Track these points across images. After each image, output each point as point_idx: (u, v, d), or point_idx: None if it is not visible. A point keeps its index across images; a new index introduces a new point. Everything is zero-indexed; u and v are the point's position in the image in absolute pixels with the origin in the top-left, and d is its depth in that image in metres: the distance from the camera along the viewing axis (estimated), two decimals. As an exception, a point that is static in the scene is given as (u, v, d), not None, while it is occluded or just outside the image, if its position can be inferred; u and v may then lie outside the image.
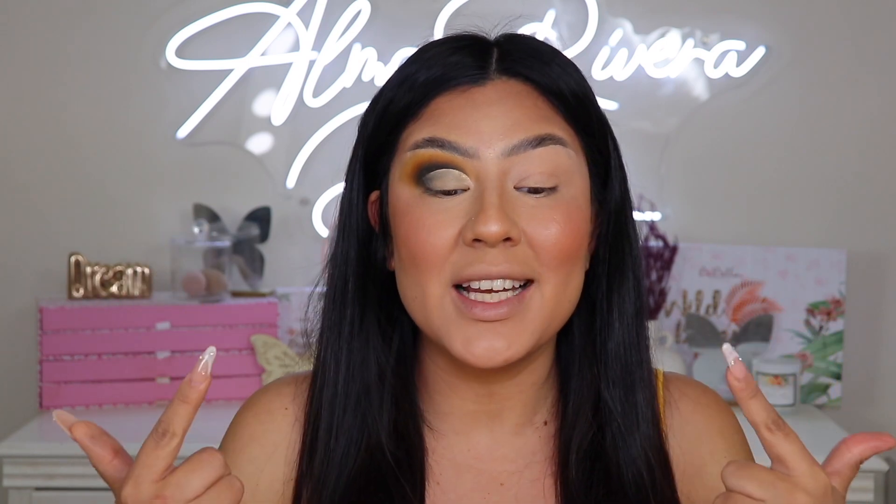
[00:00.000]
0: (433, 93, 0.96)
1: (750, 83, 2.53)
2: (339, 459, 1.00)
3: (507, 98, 0.96)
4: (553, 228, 0.94)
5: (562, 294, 0.96)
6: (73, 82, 2.54)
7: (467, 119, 0.95)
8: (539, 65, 0.97)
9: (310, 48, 2.52)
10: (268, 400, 1.06)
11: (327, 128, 2.52)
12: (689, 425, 1.05)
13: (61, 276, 2.48)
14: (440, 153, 0.94)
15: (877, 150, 2.55)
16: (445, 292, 0.95)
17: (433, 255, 0.94)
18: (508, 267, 0.93)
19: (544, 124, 0.95)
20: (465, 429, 1.03)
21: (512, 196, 0.94)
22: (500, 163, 0.94)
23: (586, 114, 0.98)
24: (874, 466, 2.07)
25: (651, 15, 2.54)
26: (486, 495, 1.01)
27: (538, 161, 0.94)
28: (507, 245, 0.93)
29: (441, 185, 0.94)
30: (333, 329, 1.02)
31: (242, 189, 2.55)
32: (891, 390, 2.56)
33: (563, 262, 0.95)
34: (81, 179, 2.55)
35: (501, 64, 0.97)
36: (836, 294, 2.45)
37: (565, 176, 0.95)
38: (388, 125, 0.98)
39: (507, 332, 0.94)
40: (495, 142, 0.94)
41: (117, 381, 2.31)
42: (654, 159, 2.54)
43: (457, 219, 0.94)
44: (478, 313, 0.94)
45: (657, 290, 2.41)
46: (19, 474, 2.06)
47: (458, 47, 0.98)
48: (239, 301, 2.40)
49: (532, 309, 0.95)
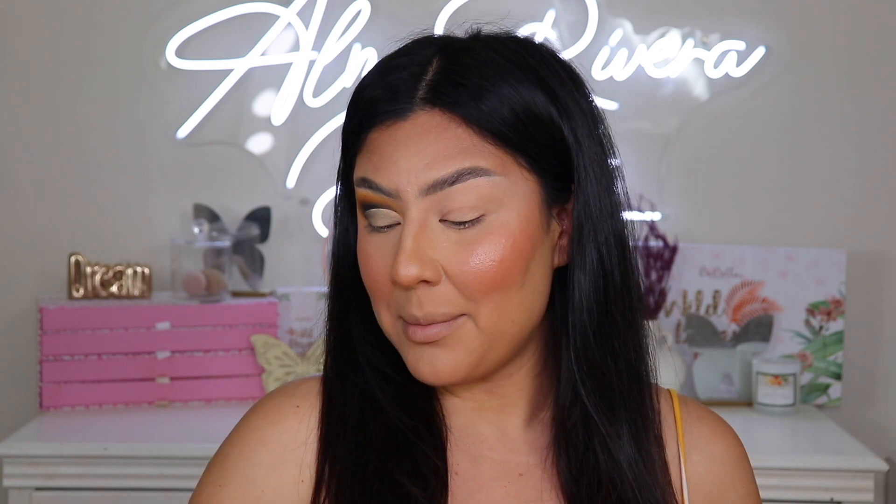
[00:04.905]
0: (367, 126, 0.97)
1: (750, 83, 2.53)
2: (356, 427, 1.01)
3: (427, 132, 0.95)
4: (473, 262, 0.94)
5: (499, 319, 0.96)
6: (73, 82, 2.54)
7: (389, 158, 0.95)
8: (464, 94, 0.94)
9: (310, 48, 2.52)
10: (278, 402, 1.05)
11: (327, 128, 2.52)
12: (713, 447, 1.07)
13: (61, 276, 2.48)
14: (370, 194, 0.96)
15: (877, 149, 2.55)
16: (396, 320, 0.98)
17: (378, 290, 0.98)
18: (431, 310, 0.95)
19: (462, 157, 0.94)
20: (472, 422, 1.04)
21: (434, 232, 0.95)
22: (421, 201, 0.94)
23: (523, 134, 0.95)
24: (874, 466, 2.07)
25: (651, 15, 2.54)
26: (506, 485, 1.02)
27: (458, 196, 0.94)
28: (427, 287, 0.95)
29: (377, 223, 0.97)
30: (339, 324, 1.04)
31: (242, 189, 2.55)
32: (891, 390, 2.56)
33: (488, 292, 0.95)
34: (81, 179, 2.55)
35: (426, 93, 0.95)
36: (836, 294, 2.45)
37: (491, 204, 0.95)
38: (345, 151, 1.01)
39: (444, 352, 0.96)
40: (412, 181, 0.94)
41: (117, 381, 2.31)
42: (654, 159, 2.54)
43: (390, 255, 0.96)
44: (411, 334, 0.96)
45: (657, 290, 2.41)
46: (19, 474, 2.06)
47: (392, 71, 0.97)
48: (239, 301, 2.40)
49: (465, 334, 0.96)
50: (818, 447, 2.19)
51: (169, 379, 2.33)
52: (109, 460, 2.06)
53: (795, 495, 2.07)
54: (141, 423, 2.22)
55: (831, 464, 2.08)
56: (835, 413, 2.47)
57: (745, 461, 1.09)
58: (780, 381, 2.33)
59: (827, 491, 2.07)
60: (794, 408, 2.33)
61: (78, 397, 2.30)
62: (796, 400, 2.34)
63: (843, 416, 2.47)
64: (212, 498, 1.01)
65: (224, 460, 1.03)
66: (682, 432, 1.06)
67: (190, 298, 2.37)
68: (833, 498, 2.07)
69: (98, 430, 2.16)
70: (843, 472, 2.07)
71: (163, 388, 2.33)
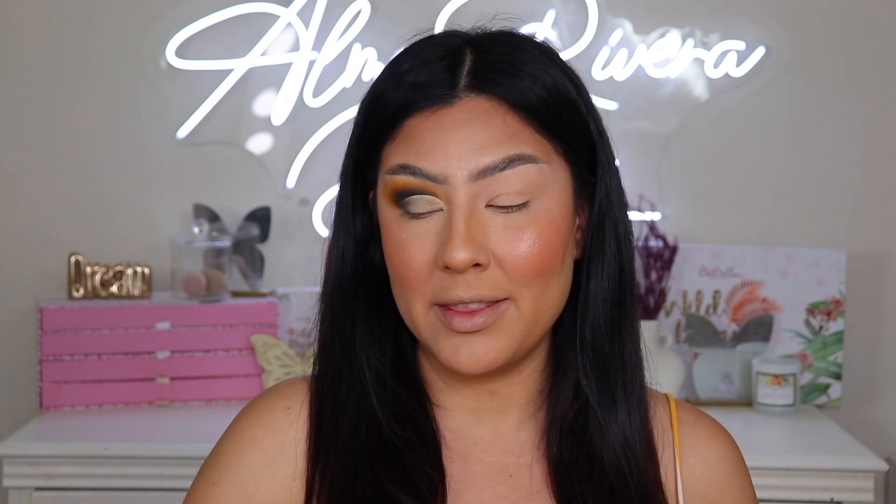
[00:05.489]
0: (404, 114, 0.97)
1: (750, 83, 2.53)
2: (349, 436, 1.01)
3: (475, 118, 0.96)
4: (522, 247, 0.95)
5: (539, 305, 0.98)
6: (73, 82, 2.54)
7: (435, 144, 0.95)
8: (507, 79, 0.96)
9: (310, 48, 2.52)
10: (270, 402, 1.06)
11: (327, 128, 2.52)
12: (710, 451, 1.08)
13: (61, 276, 2.48)
14: (412, 180, 0.96)
15: (877, 149, 2.55)
16: (429, 309, 0.98)
17: (414, 278, 0.97)
18: (480, 292, 0.95)
19: (512, 144, 0.95)
20: (468, 424, 1.04)
21: (482, 216, 0.95)
22: (469, 187, 0.95)
23: (561, 119, 0.98)
24: (874, 466, 2.07)
25: (651, 15, 2.54)
26: (495, 486, 1.02)
27: (507, 182, 0.95)
28: (477, 270, 0.95)
29: (416, 209, 0.97)
30: (333, 325, 1.04)
31: (242, 189, 2.55)
32: (891, 390, 2.56)
33: (535, 277, 0.96)
34: (81, 179, 2.55)
35: (470, 80, 0.97)
36: (836, 294, 2.45)
37: (537, 191, 0.96)
38: (367, 143, 1.00)
39: (486, 339, 0.96)
40: (463, 166, 0.95)
41: (117, 381, 2.31)
42: (654, 159, 2.54)
43: (431, 242, 0.96)
44: (455, 325, 0.96)
45: (657, 290, 2.41)
46: (19, 474, 2.06)
47: (426, 62, 0.98)
48: (239, 301, 2.40)
49: (508, 320, 0.97)
50: (818, 447, 2.19)
51: (169, 379, 2.33)
52: (109, 460, 2.06)
53: (795, 495, 2.07)
54: (141, 423, 2.22)
55: (831, 464, 2.08)
56: (835, 413, 2.47)
57: (741, 465, 1.10)
58: (780, 381, 2.33)
59: (827, 491, 2.07)
60: (794, 408, 2.33)
61: (78, 397, 2.30)
62: (796, 400, 2.34)
63: (843, 416, 2.47)
64: (206, 497, 1.02)
65: (217, 459, 1.04)
66: (679, 436, 1.07)
67: (190, 298, 2.37)
68: (833, 498, 2.07)
69: (98, 430, 2.16)
70: (843, 472, 2.07)
71: (163, 388, 2.33)
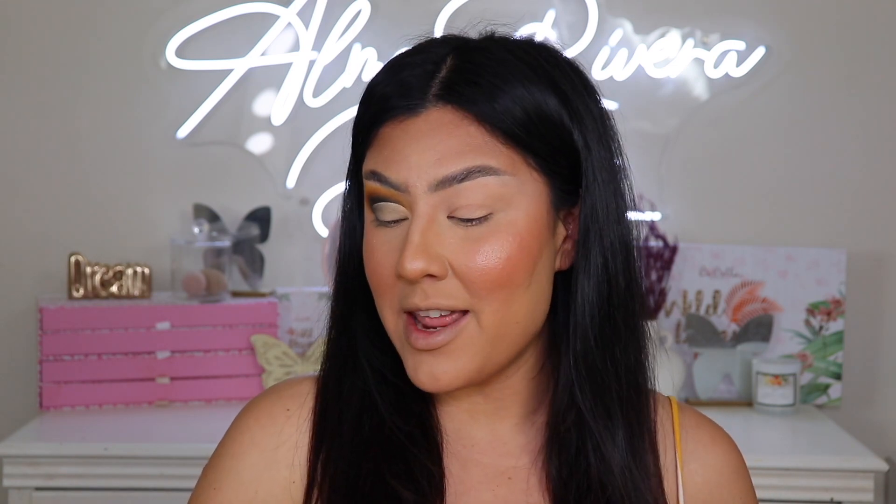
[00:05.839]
0: (379, 120, 0.98)
1: (750, 83, 2.53)
2: (351, 430, 1.01)
3: (439, 129, 0.95)
4: (479, 260, 0.94)
5: (503, 319, 0.96)
6: (73, 82, 2.54)
7: (400, 152, 0.95)
8: (474, 91, 0.95)
9: (310, 48, 2.52)
10: (269, 404, 1.06)
11: (327, 128, 2.52)
12: (712, 456, 1.06)
13: (61, 276, 2.48)
14: (380, 187, 0.96)
15: (877, 149, 2.55)
16: (398, 318, 0.98)
17: (382, 284, 0.97)
18: (436, 301, 0.95)
19: (473, 156, 0.94)
20: (465, 425, 1.04)
21: (441, 227, 0.95)
22: (430, 197, 0.95)
23: (533, 134, 0.95)
24: (874, 466, 2.07)
25: (651, 15, 2.54)
26: (494, 489, 1.02)
27: (467, 193, 0.94)
28: (433, 280, 0.95)
29: (384, 216, 0.97)
30: (339, 321, 1.04)
31: (242, 189, 2.55)
32: (891, 390, 2.56)
33: (494, 290, 0.95)
34: (81, 179, 2.55)
35: (438, 90, 0.96)
36: (836, 294, 2.45)
37: (499, 203, 0.95)
38: (356, 143, 1.01)
39: (445, 359, 0.96)
40: (423, 176, 0.94)
41: (117, 381, 2.31)
42: (654, 159, 2.54)
43: (395, 249, 0.96)
44: (413, 341, 0.96)
45: (657, 290, 2.41)
46: (19, 474, 2.06)
47: (408, 67, 0.98)
48: (239, 301, 2.40)
49: (468, 337, 0.96)
50: (818, 447, 2.19)
51: (169, 379, 2.33)
52: (109, 460, 2.06)
53: (795, 495, 2.07)
54: (141, 423, 2.22)
55: (831, 464, 2.08)
56: (835, 413, 2.47)
57: (743, 470, 1.09)
58: (780, 381, 2.33)
59: (827, 491, 2.07)
60: (793, 408, 2.33)
61: (78, 397, 2.30)
62: (796, 400, 2.34)
63: (843, 416, 2.47)
64: (208, 501, 1.02)
65: (217, 463, 1.04)
66: (680, 440, 1.06)
67: (190, 298, 2.37)
68: (833, 498, 2.07)
69: (98, 430, 2.16)
70: (843, 472, 2.07)
71: (163, 388, 2.33)
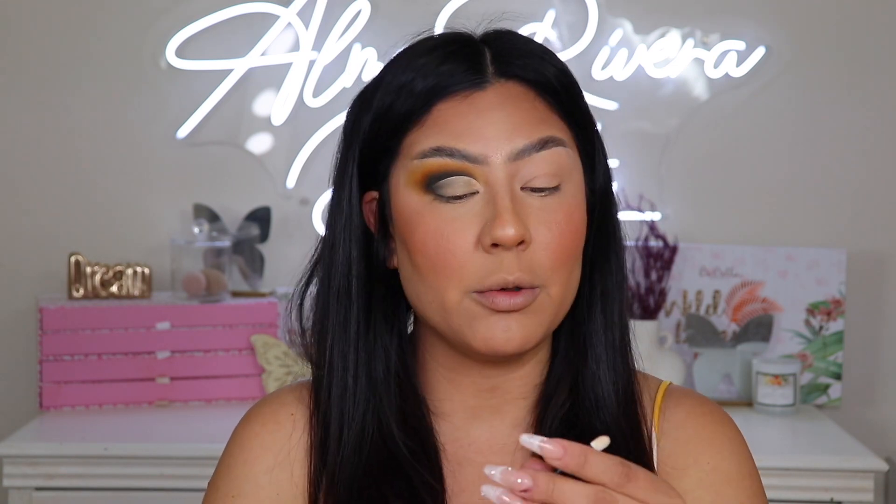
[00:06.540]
0: (434, 99, 0.97)
1: (750, 83, 2.53)
2: (353, 452, 1.01)
3: (507, 102, 0.97)
4: (555, 230, 0.96)
5: (566, 291, 0.99)
6: (73, 82, 2.54)
7: (472, 125, 0.96)
8: (532, 64, 0.99)
9: (310, 48, 2.52)
10: (273, 409, 1.06)
11: (327, 128, 2.52)
12: (681, 430, 1.04)
13: (61, 276, 2.48)
14: (450, 162, 0.96)
15: (877, 150, 2.55)
16: (464, 296, 0.96)
17: (453, 263, 0.96)
18: (521, 276, 0.95)
19: (544, 126, 0.97)
20: (464, 424, 1.04)
21: (519, 197, 0.96)
22: (507, 167, 0.96)
23: (576, 105, 1.01)
24: (874, 466, 2.07)
25: (651, 15, 2.54)
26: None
27: (542, 164, 0.96)
28: (521, 248, 0.95)
29: (452, 192, 0.96)
30: (339, 329, 1.03)
31: (242, 189, 2.55)
32: (891, 390, 2.56)
33: (565, 262, 0.97)
34: (81, 179, 2.55)
35: (497, 66, 0.98)
36: (836, 294, 2.45)
37: (566, 175, 0.98)
38: (388, 130, 0.99)
39: (522, 317, 0.96)
40: (501, 147, 0.96)
41: (117, 381, 2.31)
42: (654, 159, 2.54)
43: (471, 224, 0.95)
44: (499, 302, 0.95)
45: (657, 290, 2.41)
46: (19, 474, 2.05)
47: (449, 53, 0.98)
48: (239, 301, 2.40)
49: (541, 303, 0.97)
50: (818, 447, 2.19)
51: (169, 379, 2.33)
52: (109, 460, 2.06)
53: (795, 495, 2.07)
54: (141, 423, 2.22)
55: (831, 464, 2.08)
56: (835, 413, 2.47)
57: (720, 437, 1.04)
58: (780, 381, 2.33)
59: (827, 491, 2.07)
60: (794, 408, 2.33)
61: (78, 397, 2.30)
62: (796, 400, 2.34)
63: (843, 416, 2.47)
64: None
65: (230, 472, 1.04)
66: (658, 420, 1.05)
67: (190, 298, 2.37)
68: (833, 498, 2.07)
69: (98, 430, 2.16)
70: (843, 472, 2.07)
71: (163, 388, 2.33)
